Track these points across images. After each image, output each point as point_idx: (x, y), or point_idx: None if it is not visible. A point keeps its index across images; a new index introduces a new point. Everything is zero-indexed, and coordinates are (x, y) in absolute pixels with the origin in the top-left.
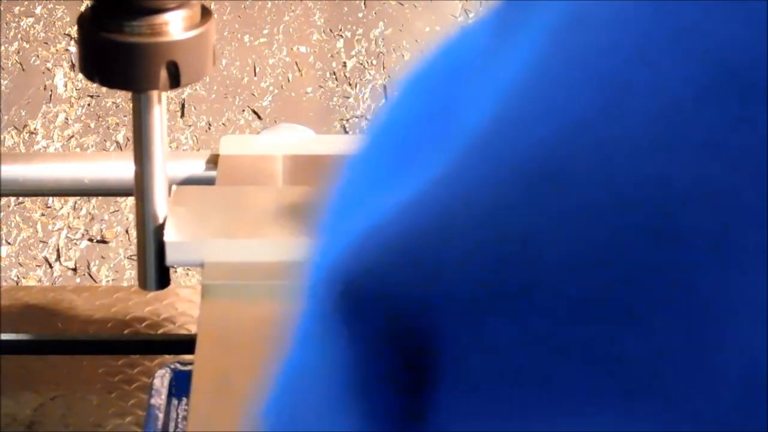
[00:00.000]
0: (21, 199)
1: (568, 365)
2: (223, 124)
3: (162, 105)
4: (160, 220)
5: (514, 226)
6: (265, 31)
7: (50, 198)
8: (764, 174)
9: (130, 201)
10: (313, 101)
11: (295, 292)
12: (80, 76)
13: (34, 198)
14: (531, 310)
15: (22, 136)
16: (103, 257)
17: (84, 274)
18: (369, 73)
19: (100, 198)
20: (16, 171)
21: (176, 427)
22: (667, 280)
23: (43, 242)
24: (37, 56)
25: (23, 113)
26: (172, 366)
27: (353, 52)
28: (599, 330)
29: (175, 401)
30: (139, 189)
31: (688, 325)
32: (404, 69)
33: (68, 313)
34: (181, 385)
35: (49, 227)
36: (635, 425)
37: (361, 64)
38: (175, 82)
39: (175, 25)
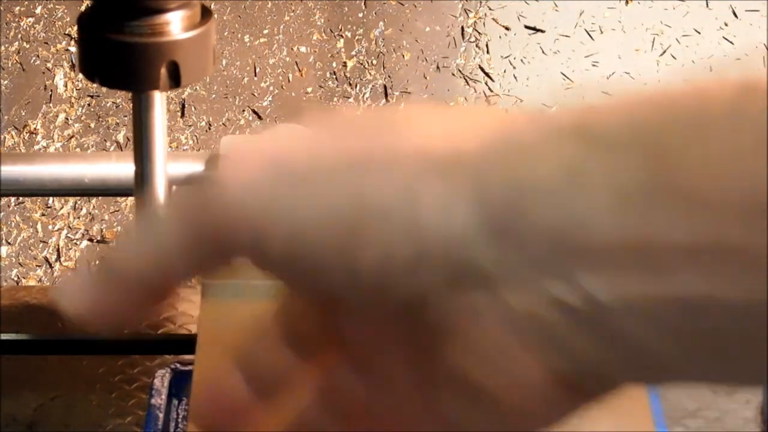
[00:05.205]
0: (21, 199)
1: None
2: (223, 124)
3: (162, 105)
4: None
5: None
6: (265, 31)
7: (50, 198)
8: None
9: (130, 201)
10: (314, 101)
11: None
12: (80, 76)
13: (34, 198)
14: None
15: (22, 136)
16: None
17: None
18: (369, 73)
19: (100, 198)
20: (16, 171)
21: (176, 427)
22: None
23: (43, 242)
24: (37, 56)
25: (23, 113)
26: (172, 366)
27: (353, 52)
28: None
29: (175, 401)
30: (139, 189)
31: None
32: (404, 69)
33: None
34: (181, 385)
35: (49, 227)
36: None
37: (361, 64)
38: (175, 82)
39: (175, 25)
